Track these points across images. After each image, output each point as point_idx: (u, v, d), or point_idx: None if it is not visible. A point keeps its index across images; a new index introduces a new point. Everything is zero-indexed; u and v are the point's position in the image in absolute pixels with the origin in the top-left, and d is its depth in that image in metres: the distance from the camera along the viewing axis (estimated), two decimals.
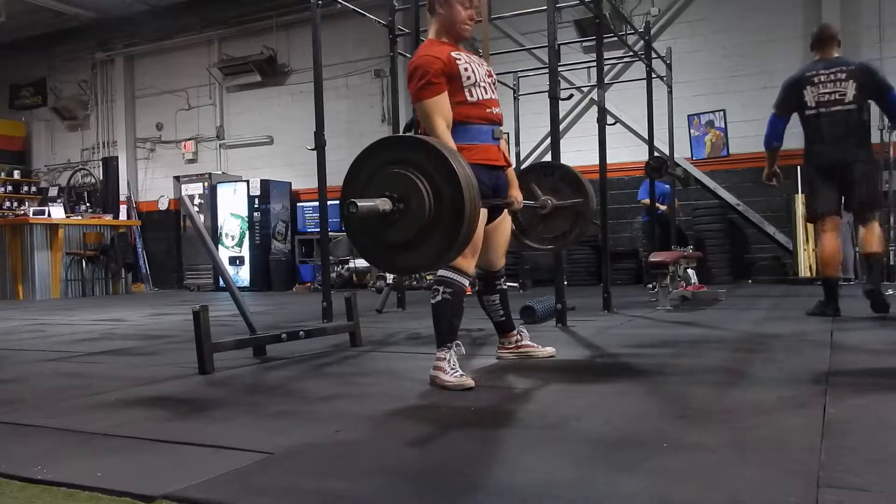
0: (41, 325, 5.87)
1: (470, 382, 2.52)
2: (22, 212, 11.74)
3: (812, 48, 4.63)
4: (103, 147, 13.38)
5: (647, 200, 8.69)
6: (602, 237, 5.69)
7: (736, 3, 9.17)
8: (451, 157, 2.12)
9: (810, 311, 4.63)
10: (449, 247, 2.14)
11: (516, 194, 2.98)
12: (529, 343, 3.20)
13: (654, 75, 7.57)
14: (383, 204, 2.11)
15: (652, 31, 8.25)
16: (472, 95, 2.76)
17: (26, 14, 11.73)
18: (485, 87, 2.82)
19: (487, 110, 2.81)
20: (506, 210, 2.99)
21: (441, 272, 2.68)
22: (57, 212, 10.91)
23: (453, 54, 2.75)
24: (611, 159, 6.18)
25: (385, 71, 10.29)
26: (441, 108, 2.69)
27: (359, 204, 2.05)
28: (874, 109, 4.60)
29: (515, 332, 3.20)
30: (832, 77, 4.40)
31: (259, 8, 11.60)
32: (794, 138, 4.70)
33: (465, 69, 2.76)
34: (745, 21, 9.07)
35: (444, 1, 2.79)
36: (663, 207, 8.54)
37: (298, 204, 11.44)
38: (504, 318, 3.15)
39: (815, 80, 4.44)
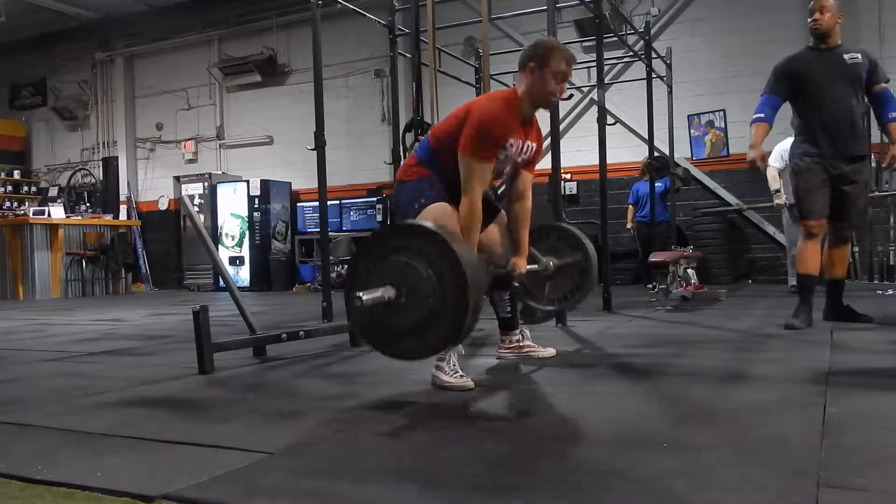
0: (41, 325, 5.87)
1: (470, 384, 2.52)
2: (22, 212, 11.73)
3: None
4: (103, 147, 13.36)
5: (632, 206, 8.76)
6: (602, 237, 5.69)
7: (736, 4, 9.17)
8: (451, 240, 2.14)
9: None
10: (458, 327, 2.15)
11: (518, 263, 2.98)
12: (530, 343, 3.21)
13: (654, 75, 7.57)
14: (386, 292, 2.14)
15: (652, 31, 8.24)
16: None
17: (26, 14, 11.72)
18: (495, 173, 2.87)
19: None
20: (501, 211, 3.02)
21: None
22: (57, 212, 10.90)
23: (510, 141, 2.77)
24: (611, 159, 6.17)
25: (385, 71, 10.28)
26: (485, 176, 2.73)
27: (363, 297, 2.08)
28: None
29: (518, 331, 3.20)
30: None
31: (259, 8, 11.60)
32: None
33: (499, 159, 2.79)
34: (745, 21, 9.06)
35: (538, 67, 2.80)
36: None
37: (298, 204, 11.43)
38: (510, 316, 3.17)
39: None
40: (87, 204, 12.58)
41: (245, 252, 11.17)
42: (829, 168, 4.02)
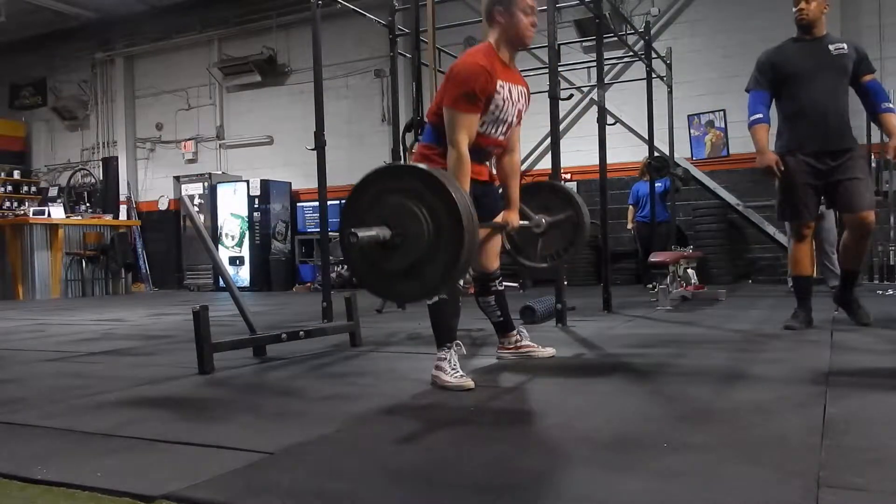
0: (41, 325, 5.87)
1: (470, 384, 2.52)
2: (22, 212, 11.73)
3: None
4: (103, 147, 13.37)
5: (632, 207, 8.74)
6: (602, 237, 5.69)
7: (736, 3, 9.16)
8: (448, 184, 2.13)
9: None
10: (450, 272, 2.14)
11: (510, 217, 2.96)
12: (530, 343, 3.20)
13: (654, 75, 7.56)
14: (382, 232, 2.12)
15: (652, 31, 8.24)
16: (482, 126, 2.76)
17: (26, 14, 11.72)
18: (504, 125, 2.83)
19: (488, 143, 2.83)
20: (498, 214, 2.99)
21: None
22: (57, 212, 10.91)
23: (499, 83, 2.73)
24: (611, 159, 6.17)
25: (385, 71, 10.28)
26: (471, 126, 2.69)
27: (359, 234, 2.06)
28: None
29: (515, 332, 3.20)
30: None
31: (259, 8, 11.60)
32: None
33: (497, 106, 2.74)
34: (745, 21, 9.06)
35: (505, 10, 2.78)
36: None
37: (298, 204, 11.44)
38: (502, 319, 3.15)
39: None
40: (87, 204, 12.58)
41: (245, 252, 11.17)
42: (814, 164, 3.80)
